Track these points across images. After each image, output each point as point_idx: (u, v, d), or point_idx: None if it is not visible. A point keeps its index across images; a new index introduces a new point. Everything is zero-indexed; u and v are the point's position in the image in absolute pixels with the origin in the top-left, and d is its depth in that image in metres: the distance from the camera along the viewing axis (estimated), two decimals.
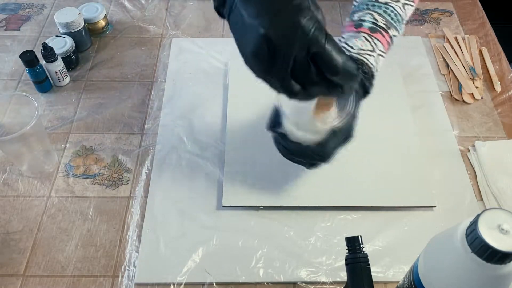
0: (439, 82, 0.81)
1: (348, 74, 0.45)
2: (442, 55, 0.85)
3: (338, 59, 0.43)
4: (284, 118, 0.55)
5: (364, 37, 0.62)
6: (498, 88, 0.80)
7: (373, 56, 0.61)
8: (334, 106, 0.55)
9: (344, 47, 0.62)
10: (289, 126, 0.56)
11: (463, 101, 0.78)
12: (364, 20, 0.63)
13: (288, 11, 0.41)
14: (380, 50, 0.62)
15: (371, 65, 0.61)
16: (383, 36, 0.62)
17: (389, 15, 0.63)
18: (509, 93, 0.79)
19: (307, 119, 0.55)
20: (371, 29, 0.62)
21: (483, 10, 0.94)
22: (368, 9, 0.63)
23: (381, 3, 0.63)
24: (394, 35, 0.64)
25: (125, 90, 0.80)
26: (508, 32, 1.13)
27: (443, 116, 0.76)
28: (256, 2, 0.42)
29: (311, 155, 0.57)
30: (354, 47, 0.61)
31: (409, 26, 0.91)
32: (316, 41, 0.42)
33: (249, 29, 0.42)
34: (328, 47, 0.42)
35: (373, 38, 0.62)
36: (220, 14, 0.48)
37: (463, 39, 0.87)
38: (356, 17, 0.64)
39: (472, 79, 0.80)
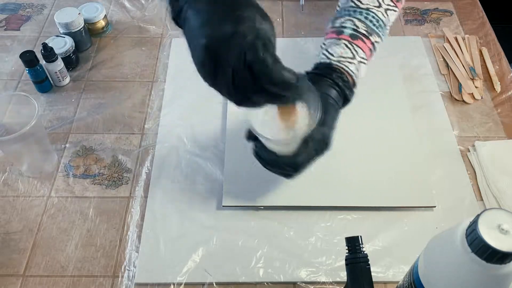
0: (439, 82, 0.81)
1: (284, 85, 0.43)
2: (442, 55, 0.85)
3: (273, 69, 0.42)
4: (256, 132, 0.54)
5: (345, 44, 0.61)
6: (498, 88, 0.80)
7: (354, 63, 0.60)
8: (299, 111, 0.53)
9: (325, 54, 0.62)
10: (262, 138, 0.55)
11: (463, 101, 0.78)
12: (345, 27, 0.62)
13: (228, 21, 0.41)
14: (362, 57, 0.61)
15: (351, 73, 0.60)
16: (364, 43, 0.61)
17: (371, 21, 0.62)
18: (509, 93, 0.79)
19: (277, 130, 0.54)
20: (351, 36, 0.61)
21: (483, 10, 0.94)
22: (349, 15, 0.62)
23: (362, 9, 0.62)
24: (376, 42, 0.63)
25: (125, 90, 0.80)
26: (508, 32, 1.14)
27: (443, 116, 0.75)
28: (202, 13, 0.43)
29: (283, 166, 0.56)
30: (335, 55, 0.60)
31: (409, 26, 0.91)
32: (251, 50, 0.41)
33: (196, 39, 0.43)
34: (263, 56, 0.41)
35: (353, 45, 0.61)
36: (177, 24, 0.48)
37: (463, 39, 0.87)
38: (337, 23, 0.63)
39: (472, 79, 0.80)
